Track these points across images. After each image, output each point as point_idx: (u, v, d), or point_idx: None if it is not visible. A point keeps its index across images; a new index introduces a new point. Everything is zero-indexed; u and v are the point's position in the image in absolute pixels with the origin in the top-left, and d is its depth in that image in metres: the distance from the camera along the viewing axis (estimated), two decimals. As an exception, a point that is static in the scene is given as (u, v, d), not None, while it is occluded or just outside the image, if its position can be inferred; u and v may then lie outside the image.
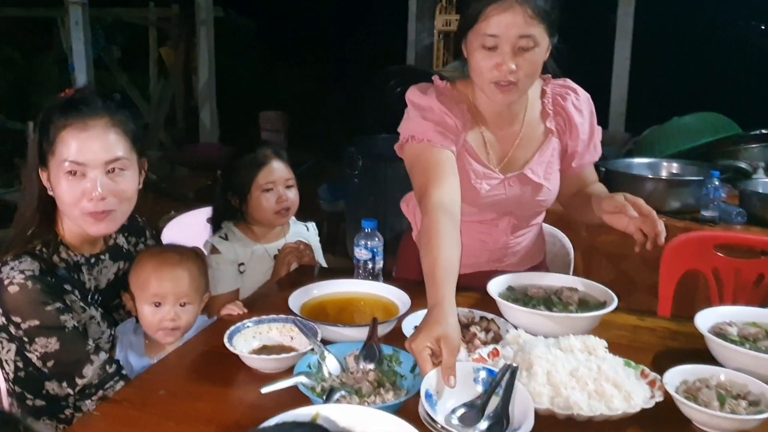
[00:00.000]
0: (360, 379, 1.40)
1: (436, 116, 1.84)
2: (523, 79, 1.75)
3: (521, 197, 1.95)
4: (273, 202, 2.21)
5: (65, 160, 1.57)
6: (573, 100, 1.95)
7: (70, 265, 1.69)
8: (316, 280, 1.90)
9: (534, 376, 1.39)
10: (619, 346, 1.65)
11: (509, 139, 1.94)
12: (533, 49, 1.72)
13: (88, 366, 1.60)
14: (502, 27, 1.69)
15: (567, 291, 1.78)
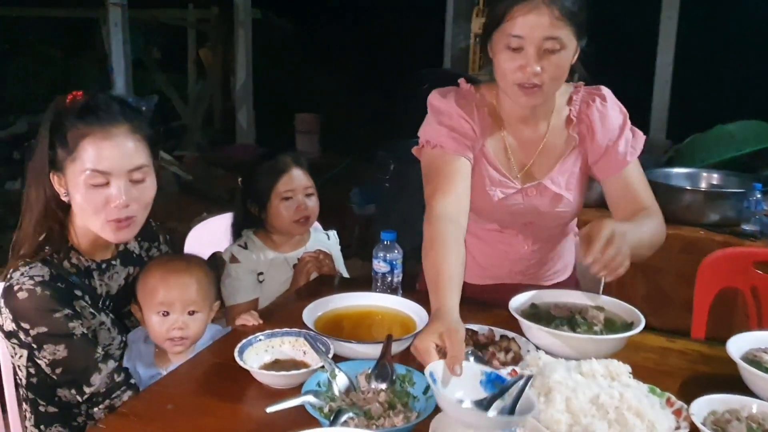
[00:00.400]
0: (371, 400, 1.36)
1: (452, 121, 1.82)
2: (548, 82, 1.70)
3: (540, 207, 1.89)
4: (292, 210, 2.18)
5: (88, 169, 1.56)
6: (598, 106, 1.86)
7: (81, 270, 1.68)
8: (336, 291, 1.86)
9: (552, 402, 1.32)
10: (646, 370, 1.59)
11: (532, 146, 1.88)
12: (559, 52, 1.67)
13: (96, 374, 1.58)
14: (527, 28, 1.65)
15: (592, 310, 1.70)
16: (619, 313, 1.72)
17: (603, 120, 1.85)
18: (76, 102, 1.60)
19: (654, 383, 1.44)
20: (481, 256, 2.01)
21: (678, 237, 3.09)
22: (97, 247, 1.71)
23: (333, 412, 1.30)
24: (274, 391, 1.47)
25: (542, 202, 1.88)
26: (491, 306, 1.84)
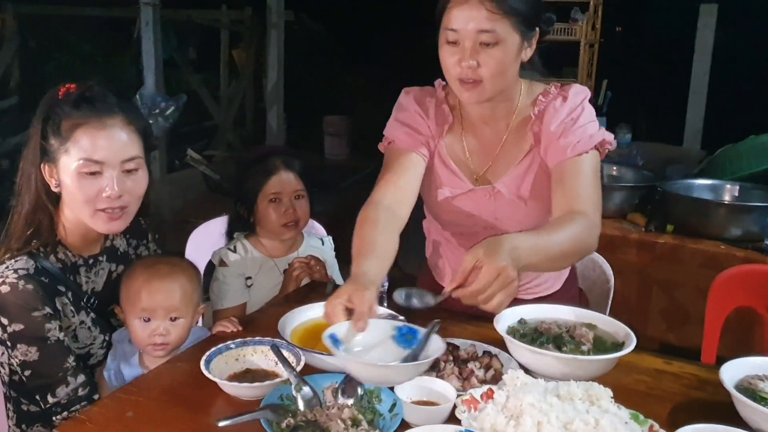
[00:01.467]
0: (333, 416, 1.30)
1: (408, 117, 1.81)
2: (489, 77, 1.64)
3: (496, 212, 1.82)
4: (280, 213, 2.14)
5: (82, 158, 1.55)
6: (556, 105, 1.74)
7: (68, 266, 1.66)
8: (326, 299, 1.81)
9: (522, 426, 1.25)
10: (636, 393, 1.51)
11: (491, 148, 1.83)
12: (497, 46, 1.62)
13: (62, 387, 1.56)
14: (461, 21, 1.62)
15: (582, 328, 1.62)
16: (611, 332, 1.63)
17: (556, 114, 1.73)
18: (70, 94, 1.59)
19: (642, 408, 1.36)
20: (457, 262, 1.91)
21: (698, 251, 2.97)
22: (85, 241, 1.70)
23: (290, 428, 1.25)
24: (240, 402, 1.42)
25: (497, 207, 1.81)
26: (481, 319, 1.77)
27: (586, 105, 1.77)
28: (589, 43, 5.04)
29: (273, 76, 7.25)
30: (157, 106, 5.88)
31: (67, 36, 8.93)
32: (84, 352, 1.66)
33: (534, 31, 1.69)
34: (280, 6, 7.15)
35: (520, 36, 1.64)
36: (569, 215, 1.61)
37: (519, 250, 1.40)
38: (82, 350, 1.65)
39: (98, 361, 1.71)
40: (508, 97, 1.78)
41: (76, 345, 1.64)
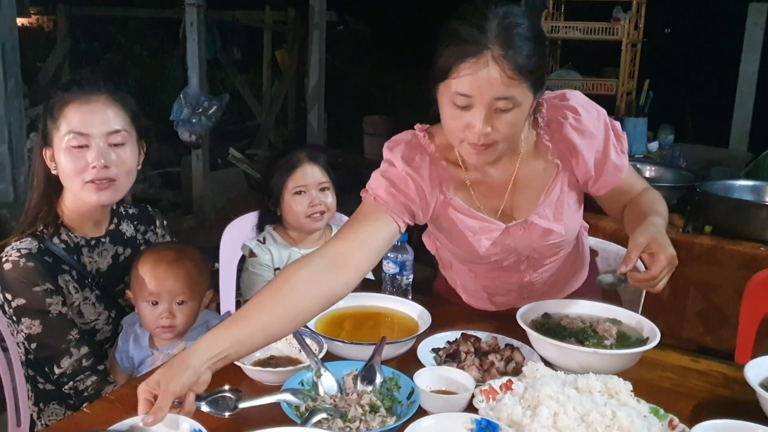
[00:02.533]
0: (352, 402, 1.32)
1: (395, 175, 1.62)
2: (501, 140, 1.51)
3: (531, 244, 1.71)
4: (305, 205, 2.17)
5: (69, 132, 1.64)
6: (572, 123, 1.64)
7: (70, 246, 1.73)
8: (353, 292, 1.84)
9: (538, 417, 1.25)
10: (659, 389, 1.50)
11: (501, 186, 1.69)
12: (512, 110, 1.46)
13: (66, 358, 1.63)
14: (475, 87, 1.43)
15: (605, 323, 1.61)
16: (635, 328, 1.63)
17: (584, 135, 1.64)
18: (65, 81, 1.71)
19: (665, 404, 1.36)
20: (484, 288, 1.90)
21: (737, 253, 2.92)
22: (87, 223, 1.77)
23: (308, 411, 1.28)
24: (263, 387, 1.46)
25: (531, 238, 1.70)
26: (504, 314, 1.78)
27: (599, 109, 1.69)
28: (632, 42, 4.98)
29: (314, 76, 7.31)
30: (200, 105, 5.98)
31: (117, 36, 9.15)
32: (90, 328, 1.73)
33: (543, 89, 1.55)
34: (323, 7, 7.20)
35: (533, 96, 1.50)
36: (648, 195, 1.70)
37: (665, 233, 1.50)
38: (87, 326, 1.73)
39: (105, 337, 1.78)
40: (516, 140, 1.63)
41: (82, 321, 1.71)
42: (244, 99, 8.07)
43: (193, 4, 5.87)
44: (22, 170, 4.54)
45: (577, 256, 1.94)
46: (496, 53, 1.40)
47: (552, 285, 1.88)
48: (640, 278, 1.48)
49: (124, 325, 1.77)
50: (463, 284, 1.95)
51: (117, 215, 1.85)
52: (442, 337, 1.62)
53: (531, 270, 1.80)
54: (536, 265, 1.80)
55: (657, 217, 1.57)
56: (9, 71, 4.35)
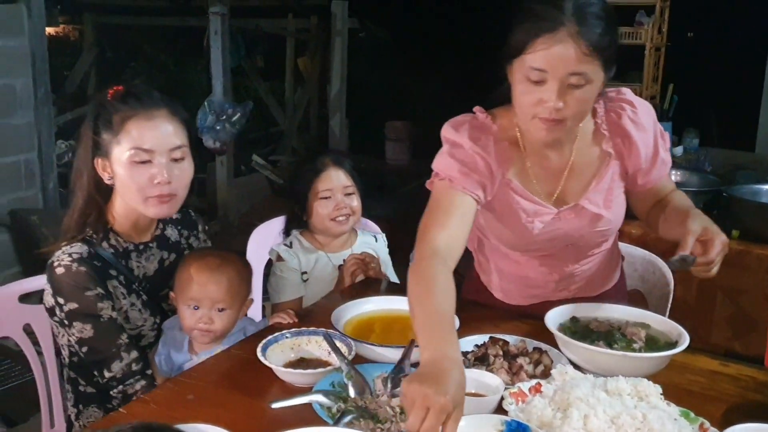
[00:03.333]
0: (383, 404, 1.34)
1: (464, 155, 1.67)
2: (571, 117, 1.57)
3: (580, 230, 1.77)
4: (330, 209, 2.19)
5: (133, 148, 1.65)
6: (629, 115, 1.73)
7: (119, 251, 1.76)
8: (382, 295, 1.86)
9: (569, 419, 1.26)
10: (689, 393, 1.50)
11: (558, 170, 1.75)
12: (584, 87, 1.52)
13: (116, 362, 1.66)
14: (550, 62, 1.49)
15: (634, 326, 1.61)
16: (664, 332, 1.62)
17: (638, 128, 1.73)
18: (118, 93, 1.70)
19: (696, 408, 1.36)
20: (522, 279, 1.92)
21: (765, 257, 2.90)
22: (135, 229, 1.80)
23: (340, 412, 1.30)
24: (294, 388, 1.48)
25: (581, 224, 1.76)
26: (532, 317, 1.78)
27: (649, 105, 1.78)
28: (656, 46, 4.96)
29: (336, 83, 7.36)
30: (224, 113, 6.04)
31: (142, 45, 9.25)
32: (135, 333, 1.75)
33: (613, 68, 1.60)
34: (345, 14, 7.25)
35: (605, 74, 1.56)
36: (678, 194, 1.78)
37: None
38: (133, 331, 1.75)
39: (149, 342, 1.80)
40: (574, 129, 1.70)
41: (128, 326, 1.73)
42: (267, 106, 8.12)
43: (218, 12, 5.94)
44: (51, 177, 4.63)
45: (612, 256, 1.97)
46: (572, 30, 1.47)
47: (588, 280, 1.91)
48: (697, 263, 1.51)
49: (165, 328, 1.79)
50: (501, 277, 1.96)
51: (162, 221, 1.88)
52: (470, 341, 1.63)
53: (573, 261, 1.85)
54: (580, 255, 1.85)
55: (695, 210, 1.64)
56: (39, 79, 4.44)
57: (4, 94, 4.23)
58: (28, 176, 4.47)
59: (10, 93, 4.28)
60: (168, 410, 1.40)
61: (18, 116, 4.34)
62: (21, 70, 4.33)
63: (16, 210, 4.34)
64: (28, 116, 4.41)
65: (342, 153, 2.37)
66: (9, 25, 4.21)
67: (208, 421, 1.31)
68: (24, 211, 4.36)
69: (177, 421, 1.32)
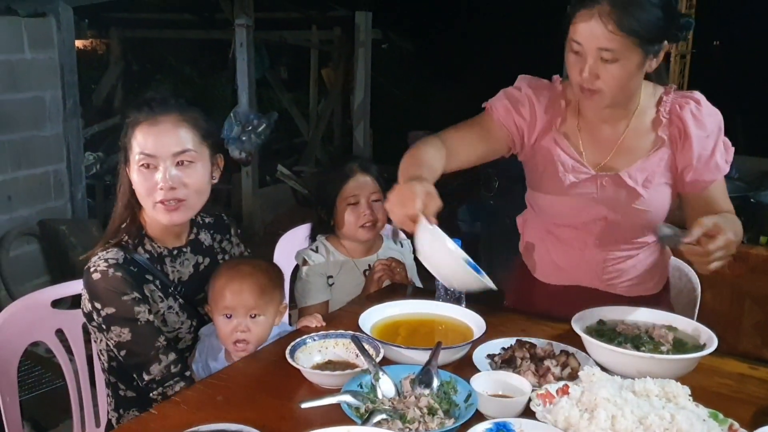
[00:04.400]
0: (411, 404, 1.34)
1: (516, 95, 1.87)
2: (607, 90, 1.70)
3: (615, 201, 1.83)
4: (358, 215, 2.20)
5: (139, 153, 1.69)
6: (692, 110, 1.80)
7: (154, 256, 1.79)
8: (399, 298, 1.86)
9: (596, 419, 1.26)
10: (718, 396, 1.49)
11: (608, 145, 1.86)
12: (616, 63, 1.65)
13: (155, 365, 1.67)
14: (584, 36, 1.66)
15: (661, 329, 1.61)
16: (692, 334, 1.62)
17: (698, 125, 1.79)
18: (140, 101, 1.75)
19: (725, 410, 1.35)
20: (557, 255, 1.99)
21: (794, 263, 2.87)
22: (168, 234, 1.82)
23: (368, 412, 1.31)
24: (322, 390, 1.49)
25: (618, 194, 1.82)
26: (559, 320, 1.78)
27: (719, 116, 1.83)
28: (681, 54, 4.94)
29: (360, 93, 7.40)
30: (249, 124, 6.11)
31: (167, 58, 9.38)
32: (173, 336, 1.77)
33: (660, 45, 1.70)
34: (368, 25, 7.30)
35: (642, 52, 1.67)
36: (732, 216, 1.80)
37: (736, 229, 1.62)
38: (171, 334, 1.77)
39: (187, 345, 1.81)
40: (630, 100, 1.81)
41: (166, 329, 1.75)
42: (291, 117, 8.20)
43: (243, 24, 6.01)
44: (79, 188, 4.70)
45: (657, 260, 2.00)
46: (604, 9, 1.61)
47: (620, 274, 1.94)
48: (693, 250, 1.56)
49: (202, 335, 1.81)
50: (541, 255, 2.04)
51: (196, 225, 1.91)
52: (497, 344, 1.64)
53: (612, 243, 1.90)
54: (619, 238, 1.89)
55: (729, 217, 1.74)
56: (68, 92, 4.53)
57: (33, 106, 4.32)
58: (57, 187, 4.55)
59: (40, 105, 4.37)
60: (198, 411, 1.42)
61: (47, 128, 4.44)
62: (50, 82, 4.43)
63: (45, 220, 4.42)
64: (57, 128, 4.50)
65: (368, 159, 2.38)
66: (39, 39, 4.30)
67: (238, 422, 1.33)
68: (53, 221, 4.44)
69: (207, 421, 1.35)
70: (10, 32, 4.15)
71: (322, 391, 1.48)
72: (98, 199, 6.33)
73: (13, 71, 4.17)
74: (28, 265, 4.35)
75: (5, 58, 4.13)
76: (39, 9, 4.41)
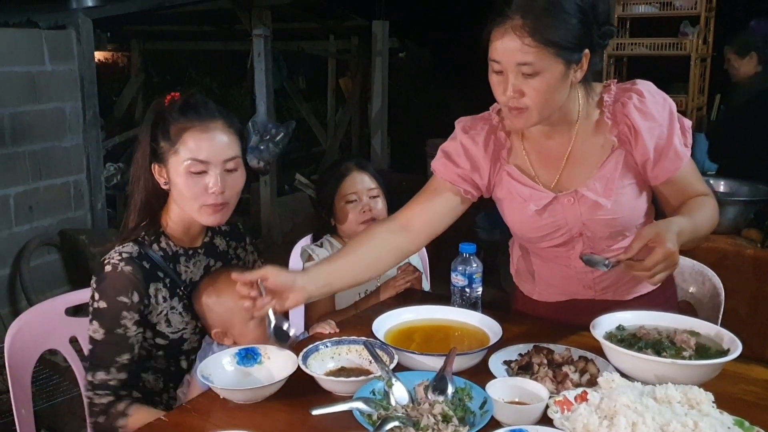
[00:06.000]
0: (425, 411, 1.32)
1: (450, 148, 1.83)
2: (533, 105, 1.60)
3: (582, 217, 1.75)
4: (357, 212, 2.23)
5: (189, 158, 1.69)
6: (635, 104, 1.68)
7: (168, 254, 1.79)
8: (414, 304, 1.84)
9: (616, 426, 1.22)
10: (743, 403, 1.44)
11: (557, 158, 1.77)
12: (537, 76, 1.56)
13: (102, 372, 1.66)
14: (501, 53, 1.57)
15: (683, 334, 1.57)
16: (715, 340, 1.57)
17: (645, 117, 1.68)
18: (175, 101, 1.74)
19: (751, 417, 1.30)
20: (547, 275, 1.93)
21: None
22: (186, 235, 1.83)
23: (380, 419, 1.28)
24: (335, 397, 1.46)
25: (580, 210, 1.75)
26: (577, 326, 1.74)
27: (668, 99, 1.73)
28: (701, 57, 4.88)
29: (378, 102, 7.40)
30: (268, 133, 6.12)
31: (187, 70, 9.47)
32: (177, 337, 1.76)
33: (581, 53, 1.59)
34: (385, 34, 7.30)
35: (564, 63, 1.57)
36: (700, 199, 1.72)
37: (683, 233, 1.55)
38: (175, 334, 1.76)
39: (192, 347, 1.80)
40: (565, 111, 1.71)
41: (170, 329, 1.75)
42: (309, 126, 8.22)
43: (261, 35, 6.03)
44: (99, 198, 4.73)
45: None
46: (516, 23, 1.54)
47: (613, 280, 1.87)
48: (635, 267, 1.54)
49: (204, 343, 1.79)
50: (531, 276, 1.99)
51: (211, 230, 1.91)
52: (514, 350, 1.61)
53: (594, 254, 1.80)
54: (596, 247, 1.80)
55: (684, 218, 1.62)
56: (88, 103, 4.56)
57: (54, 118, 4.36)
58: (77, 197, 4.58)
59: (60, 116, 4.41)
60: (210, 418, 1.41)
61: (67, 139, 4.47)
62: (70, 93, 4.46)
63: (65, 230, 4.45)
64: (77, 139, 4.54)
65: (364, 159, 2.42)
66: (59, 51, 4.34)
67: (249, 428, 1.31)
68: (73, 231, 4.47)
69: (218, 428, 1.33)
70: (31, 44, 4.19)
71: (335, 398, 1.45)
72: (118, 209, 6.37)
73: (34, 83, 4.21)
74: (49, 275, 4.38)
75: (26, 70, 4.17)
76: (59, 21, 4.46)
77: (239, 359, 1.58)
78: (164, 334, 1.74)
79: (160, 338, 1.74)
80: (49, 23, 4.40)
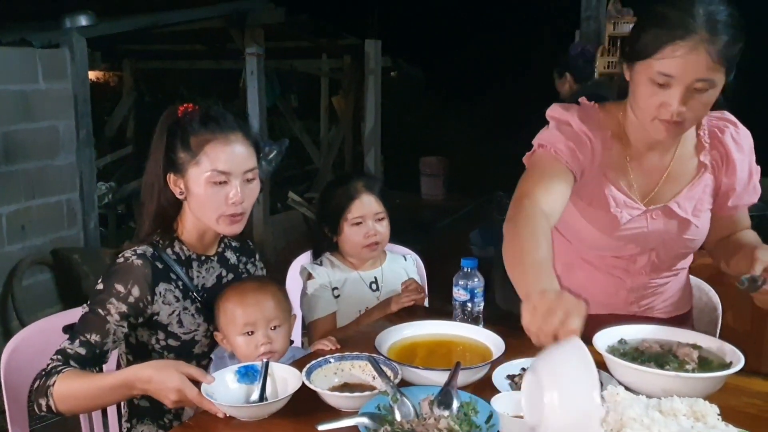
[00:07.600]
0: (430, 427, 1.31)
1: (571, 132, 1.71)
2: (692, 119, 1.61)
3: (665, 233, 1.77)
4: (362, 236, 2.21)
5: (211, 170, 1.71)
6: (732, 133, 1.77)
7: (181, 259, 1.80)
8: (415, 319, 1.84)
9: (623, 440, 1.22)
10: (746, 416, 1.44)
11: (656, 173, 1.79)
12: (708, 91, 1.56)
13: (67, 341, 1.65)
14: (680, 68, 1.52)
15: (686, 347, 1.57)
16: (717, 353, 1.57)
17: (738, 148, 1.78)
18: (190, 113, 1.75)
19: (754, 430, 1.31)
20: (594, 284, 1.87)
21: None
22: (200, 243, 1.85)
23: (386, 434, 1.27)
24: (340, 412, 1.45)
25: (668, 226, 1.77)
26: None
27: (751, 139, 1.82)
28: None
29: (371, 121, 7.43)
30: (260, 151, 6.13)
31: (179, 88, 9.47)
32: (189, 338, 1.77)
33: (733, 71, 1.60)
34: (378, 53, 7.34)
35: (725, 78, 1.58)
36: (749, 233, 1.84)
37: None
38: (187, 336, 1.77)
39: (203, 351, 1.80)
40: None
41: (182, 330, 1.76)
42: (302, 144, 8.24)
43: (253, 53, 6.06)
44: (92, 216, 4.71)
45: (687, 282, 1.98)
46: (703, 37, 1.51)
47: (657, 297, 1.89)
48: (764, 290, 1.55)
49: (214, 357, 1.79)
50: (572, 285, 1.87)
51: (223, 242, 1.93)
52: (517, 364, 1.60)
53: (648, 269, 1.84)
54: (661, 266, 1.84)
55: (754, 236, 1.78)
56: (81, 121, 4.56)
57: (47, 136, 4.35)
58: (70, 216, 4.56)
59: (54, 135, 4.40)
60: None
61: (61, 157, 4.46)
62: (64, 112, 4.46)
63: (57, 249, 4.43)
64: (70, 157, 4.53)
65: (372, 177, 2.40)
66: (53, 69, 4.34)
67: (253, 446, 1.31)
68: (66, 250, 4.44)
69: (221, 445, 1.32)
70: (25, 63, 4.19)
71: (339, 414, 1.44)
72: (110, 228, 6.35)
73: (28, 101, 4.21)
74: (41, 294, 4.35)
75: (20, 89, 4.17)
76: (53, 40, 4.46)
77: (239, 377, 1.57)
78: (176, 334, 1.75)
79: (172, 339, 1.75)
80: (43, 42, 4.40)
